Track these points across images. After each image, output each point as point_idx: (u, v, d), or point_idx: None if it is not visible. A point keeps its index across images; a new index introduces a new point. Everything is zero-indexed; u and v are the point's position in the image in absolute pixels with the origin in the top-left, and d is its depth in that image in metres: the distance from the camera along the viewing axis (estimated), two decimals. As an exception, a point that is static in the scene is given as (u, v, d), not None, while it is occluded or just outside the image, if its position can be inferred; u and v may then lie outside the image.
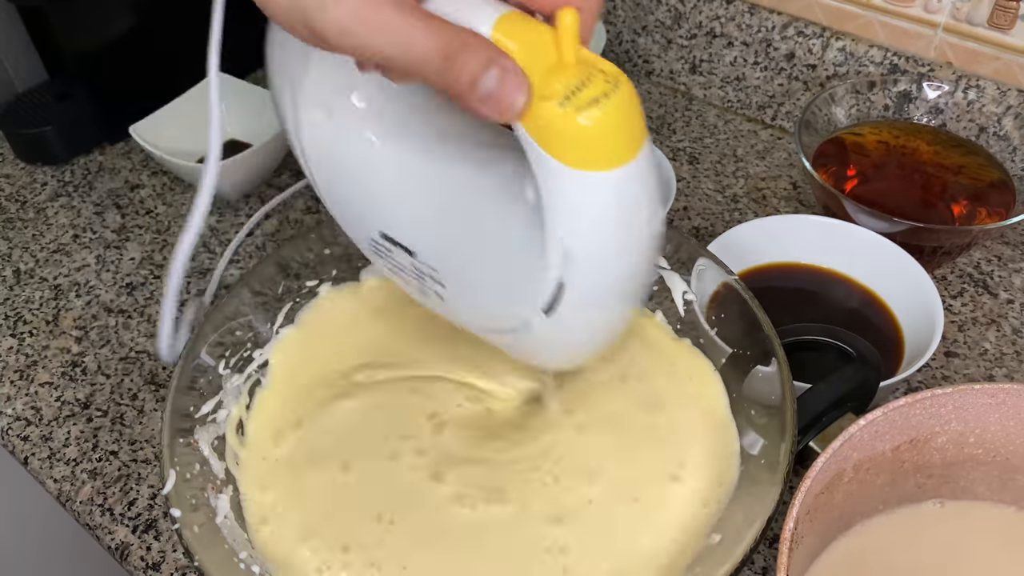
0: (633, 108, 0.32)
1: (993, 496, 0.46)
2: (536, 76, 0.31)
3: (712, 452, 0.47)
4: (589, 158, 0.32)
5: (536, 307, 0.37)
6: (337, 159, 0.42)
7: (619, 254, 0.36)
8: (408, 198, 0.42)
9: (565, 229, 0.34)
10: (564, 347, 0.41)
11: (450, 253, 0.42)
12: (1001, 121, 0.67)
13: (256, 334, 0.52)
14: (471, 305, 0.43)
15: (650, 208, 0.35)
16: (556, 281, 0.36)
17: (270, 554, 0.44)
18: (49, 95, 0.80)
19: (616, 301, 0.38)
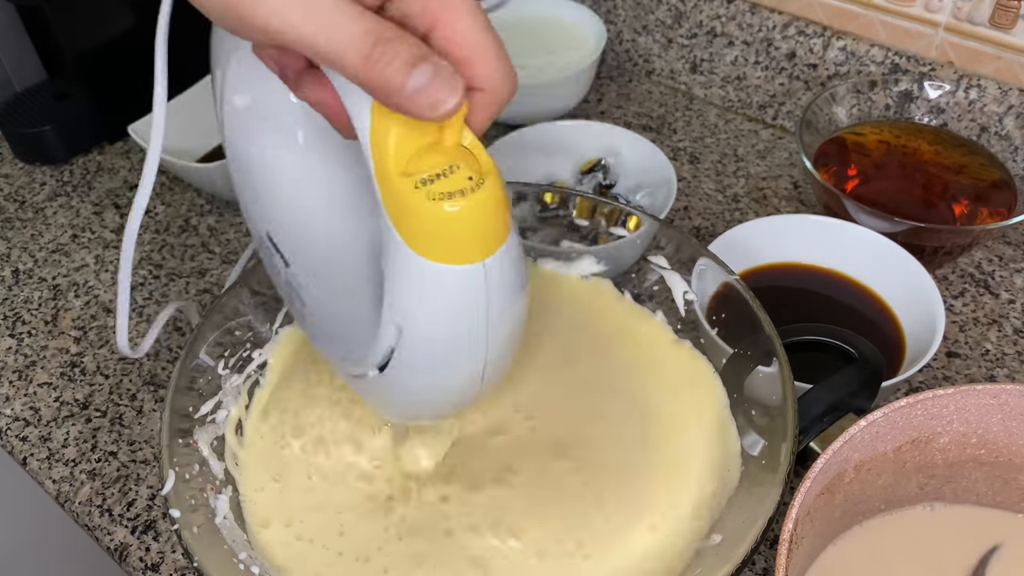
0: (491, 210, 0.32)
1: (995, 496, 0.46)
2: (407, 150, 0.31)
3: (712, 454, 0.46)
4: (433, 248, 0.32)
5: (371, 363, 0.37)
6: (248, 148, 0.42)
7: (452, 342, 0.35)
8: (295, 207, 0.42)
9: (398, 304, 0.34)
10: (401, 404, 0.42)
11: (317, 280, 0.43)
12: (1002, 121, 0.66)
13: (255, 334, 0.51)
14: (325, 336, 0.44)
15: (498, 310, 0.35)
16: (387, 347, 0.36)
17: (270, 555, 0.44)
18: (48, 95, 0.80)
19: (450, 378, 0.38)
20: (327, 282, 0.43)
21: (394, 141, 0.31)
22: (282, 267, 0.44)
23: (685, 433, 0.47)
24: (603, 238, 0.57)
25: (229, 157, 0.43)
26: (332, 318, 0.43)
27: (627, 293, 0.55)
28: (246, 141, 0.42)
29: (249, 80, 0.40)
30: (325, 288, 0.43)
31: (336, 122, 0.33)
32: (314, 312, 0.44)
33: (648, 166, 0.68)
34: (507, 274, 0.34)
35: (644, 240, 0.54)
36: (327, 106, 0.33)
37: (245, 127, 0.41)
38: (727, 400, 0.49)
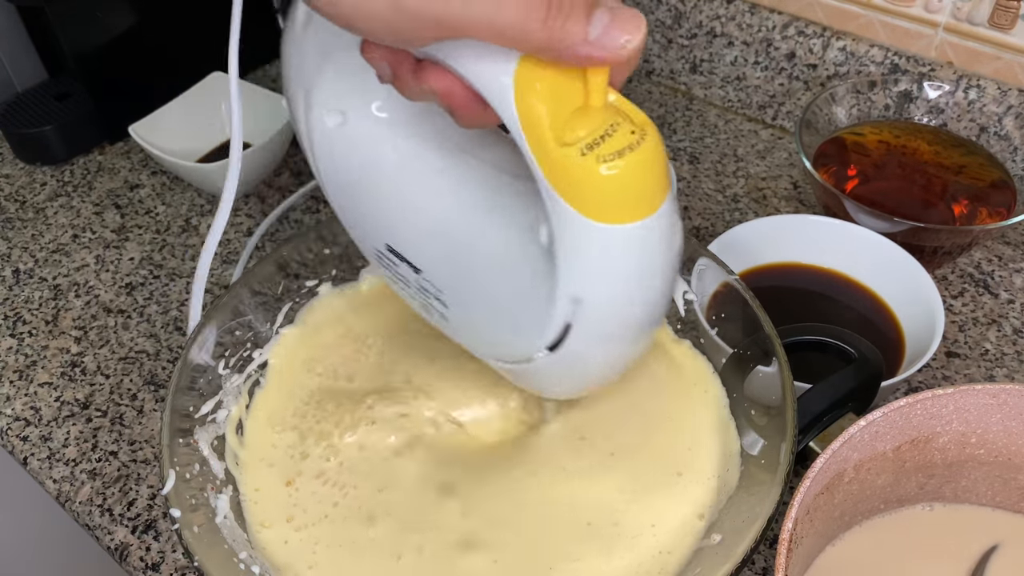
0: (657, 161, 0.31)
1: (995, 496, 0.46)
2: (559, 119, 0.30)
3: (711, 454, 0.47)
4: (607, 210, 0.31)
5: (540, 344, 0.36)
6: (349, 166, 0.41)
7: (630, 304, 0.35)
8: (420, 215, 0.41)
9: (576, 276, 0.34)
10: (567, 381, 0.41)
11: (457, 277, 0.42)
12: (1002, 121, 0.66)
13: (256, 334, 0.52)
14: (474, 331, 0.43)
15: (670, 261, 0.34)
16: (563, 323, 0.35)
17: (270, 554, 0.44)
18: (49, 95, 0.80)
19: (624, 343, 0.38)
20: (468, 277, 0.41)
21: (546, 111, 0.30)
22: (412, 275, 0.42)
23: (685, 433, 0.47)
24: (603, 238, 0.57)
25: (328, 182, 0.42)
26: (478, 311, 0.42)
27: (627, 293, 0.55)
28: (346, 158, 0.41)
29: (339, 97, 0.39)
30: (466, 283, 0.42)
31: (462, 110, 0.32)
32: (457, 310, 0.42)
33: (648, 166, 0.68)
34: (675, 223, 0.34)
35: (644, 240, 0.54)
36: (455, 96, 0.31)
37: (341, 146, 0.40)
38: (727, 400, 0.49)
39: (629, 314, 0.35)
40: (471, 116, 0.32)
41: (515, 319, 0.39)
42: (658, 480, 0.45)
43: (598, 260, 0.33)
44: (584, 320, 0.35)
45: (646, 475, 0.46)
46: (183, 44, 0.78)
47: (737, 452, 0.46)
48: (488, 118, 0.32)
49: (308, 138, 0.41)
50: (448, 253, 0.42)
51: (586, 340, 0.36)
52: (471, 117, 0.32)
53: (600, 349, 0.37)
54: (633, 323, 0.36)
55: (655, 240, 0.33)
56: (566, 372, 0.39)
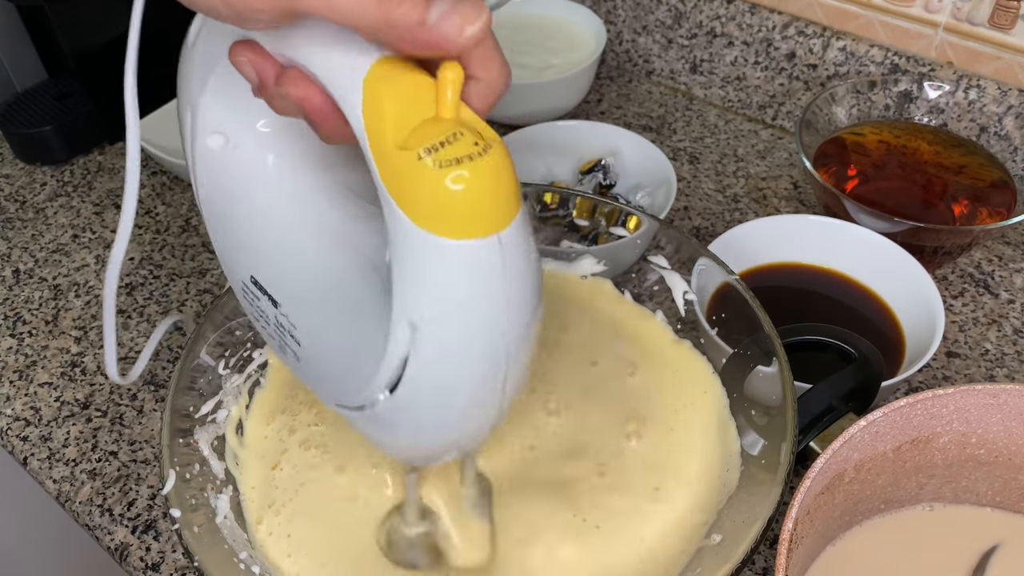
0: (501, 177, 0.30)
1: (995, 496, 0.46)
2: (404, 126, 0.29)
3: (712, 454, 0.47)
4: (442, 221, 0.29)
5: (380, 383, 0.34)
6: (225, 192, 0.40)
7: (471, 334, 0.32)
8: (281, 242, 0.40)
9: (411, 297, 0.31)
10: (412, 436, 0.37)
11: (309, 311, 0.40)
12: (1002, 121, 0.66)
13: (256, 334, 0.52)
14: (322, 372, 0.41)
15: (517, 290, 0.32)
16: (401, 355, 0.32)
17: (270, 554, 0.44)
18: (49, 95, 0.80)
19: (472, 384, 0.34)
20: (322, 314, 0.40)
21: (390, 115, 0.29)
22: (271, 310, 0.41)
23: (685, 433, 0.47)
24: (603, 238, 0.57)
25: (205, 207, 0.41)
26: (331, 352, 0.40)
27: (627, 293, 0.55)
28: (223, 183, 0.40)
29: (221, 117, 0.38)
30: (321, 321, 0.40)
31: (321, 118, 0.32)
32: (310, 349, 0.41)
33: (648, 166, 0.69)
34: (523, 249, 0.32)
35: (644, 240, 0.54)
36: (312, 102, 0.31)
37: (220, 169, 0.39)
38: (727, 400, 0.49)
39: (470, 344, 0.32)
40: (330, 127, 0.32)
41: (360, 357, 0.37)
42: (657, 479, 0.45)
43: (431, 278, 0.31)
44: (421, 350, 0.32)
45: (645, 476, 0.46)
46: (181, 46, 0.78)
47: (737, 452, 0.46)
48: (348, 131, 0.31)
49: (192, 161, 0.40)
50: (302, 283, 0.40)
51: (426, 376, 0.33)
52: (330, 128, 0.32)
53: (443, 389, 0.34)
54: (477, 356, 0.33)
55: (495, 263, 0.31)
56: (409, 422, 0.36)
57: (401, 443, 0.38)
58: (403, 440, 0.38)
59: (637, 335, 0.53)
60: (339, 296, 0.40)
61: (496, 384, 0.34)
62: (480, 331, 0.32)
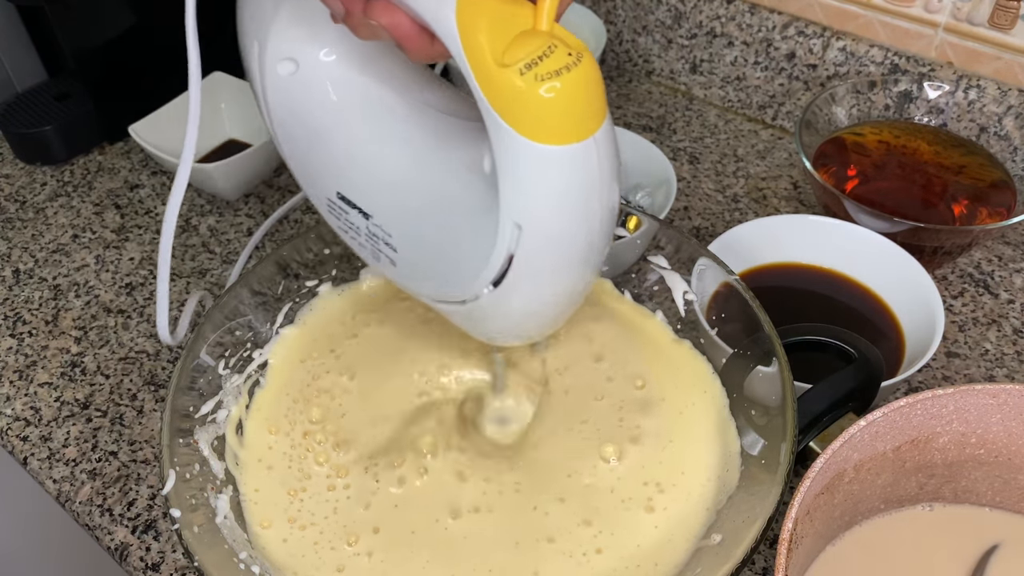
0: (593, 84, 0.32)
1: (995, 496, 0.46)
2: (500, 43, 0.31)
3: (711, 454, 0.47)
4: (545, 130, 0.32)
5: (485, 278, 0.37)
6: (300, 114, 0.42)
7: (571, 231, 0.35)
8: (368, 158, 0.42)
9: (517, 200, 0.34)
10: (514, 321, 0.41)
11: (405, 218, 0.42)
12: (1002, 121, 0.67)
13: (256, 334, 0.52)
14: (421, 272, 0.43)
15: (608, 187, 0.35)
16: (506, 253, 0.35)
17: (270, 554, 0.44)
18: (49, 95, 0.80)
19: (567, 277, 0.37)
20: (418, 218, 0.42)
21: (486, 35, 0.31)
22: (361, 221, 0.43)
23: (684, 433, 0.47)
24: (603, 238, 0.57)
25: (281, 134, 0.42)
26: (427, 253, 0.42)
27: (627, 293, 0.55)
28: (298, 108, 0.41)
29: (291, 45, 0.40)
30: (417, 225, 0.42)
31: (411, 42, 0.33)
32: (407, 253, 0.43)
33: (648, 166, 0.69)
34: (612, 150, 0.34)
35: (644, 240, 0.54)
36: (402, 27, 0.33)
37: (295, 94, 0.41)
38: (727, 400, 0.49)
39: (569, 240, 0.35)
40: (420, 49, 0.33)
41: (461, 256, 0.39)
42: (657, 480, 0.45)
43: (537, 182, 0.33)
44: (526, 248, 0.35)
45: (645, 475, 0.46)
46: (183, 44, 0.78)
47: (737, 452, 0.46)
48: (437, 50, 0.33)
49: (262, 89, 0.41)
50: (396, 194, 0.42)
51: (528, 271, 0.36)
52: (420, 50, 0.33)
53: (542, 281, 0.37)
54: (573, 251, 0.36)
55: (592, 164, 0.33)
56: (510, 311, 0.39)
57: (495, 327, 0.42)
58: (499, 324, 0.41)
59: (637, 335, 0.53)
60: (433, 206, 0.41)
61: (586, 270, 0.37)
62: (580, 224, 0.35)
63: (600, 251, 0.37)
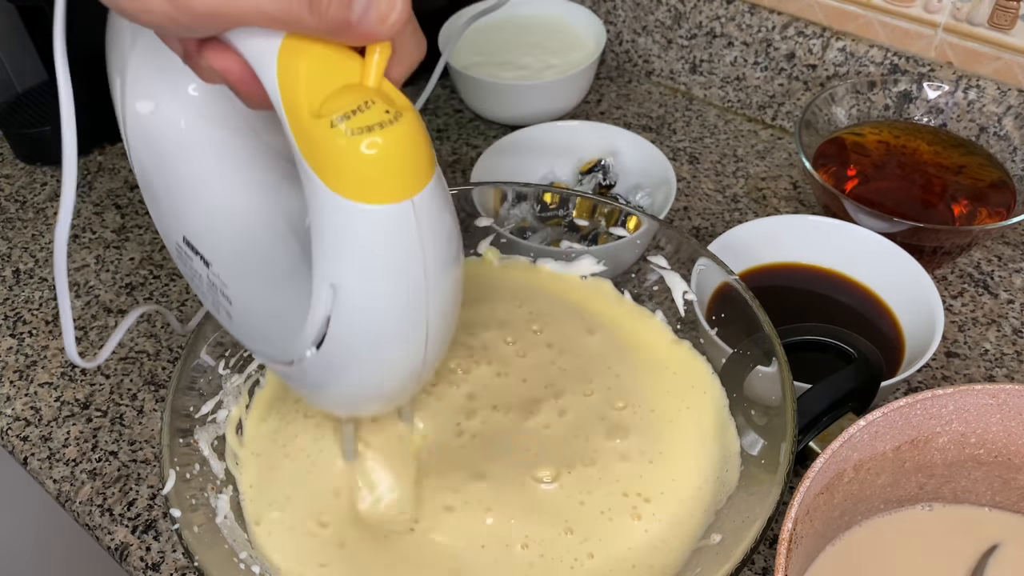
0: (412, 143, 0.31)
1: (995, 496, 0.46)
2: (318, 94, 0.30)
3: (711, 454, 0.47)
4: (354, 187, 0.31)
5: (307, 339, 0.35)
6: (154, 154, 0.41)
7: (386, 298, 0.34)
8: (211, 204, 0.41)
9: (330, 260, 0.33)
10: (341, 390, 0.39)
11: (240, 269, 0.41)
12: (1001, 121, 0.67)
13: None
14: (253, 329, 0.42)
15: (431, 255, 0.33)
16: (323, 314, 0.34)
17: (269, 554, 0.44)
18: (49, 95, 0.80)
19: (390, 348, 0.36)
20: (252, 271, 0.41)
21: (304, 84, 0.30)
22: (203, 269, 0.42)
23: (684, 433, 0.47)
24: (603, 238, 0.57)
25: (137, 170, 0.41)
26: (261, 309, 0.41)
27: (627, 293, 0.55)
28: (154, 147, 0.40)
29: (150, 83, 0.39)
30: (250, 279, 0.41)
31: (242, 87, 0.33)
32: (242, 307, 0.42)
33: (648, 166, 0.69)
34: (437, 215, 0.33)
35: (644, 240, 0.54)
36: (232, 72, 0.32)
37: (151, 133, 0.40)
38: (726, 400, 0.49)
39: (391, 305, 0.34)
40: (251, 95, 0.33)
41: (287, 314, 0.38)
42: (656, 480, 0.45)
43: (350, 241, 0.32)
44: (343, 310, 0.34)
45: (644, 476, 0.46)
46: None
47: (737, 452, 0.46)
48: (268, 99, 0.32)
49: (123, 126, 0.40)
50: (233, 243, 0.41)
51: (349, 335, 0.35)
52: (251, 96, 0.33)
53: (364, 348, 0.36)
54: (392, 320, 0.35)
55: (410, 226, 0.32)
56: (336, 377, 0.38)
57: (330, 395, 0.40)
58: (332, 392, 0.39)
59: (636, 335, 0.53)
60: (265, 256, 0.41)
61: (418, 339, 0.36)
62: (398, 290, 0.34)
63: (436, 311, 0.35)
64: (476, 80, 0.75)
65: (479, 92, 0.76)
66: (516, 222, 0.62)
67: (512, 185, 0.60)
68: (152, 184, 0.42)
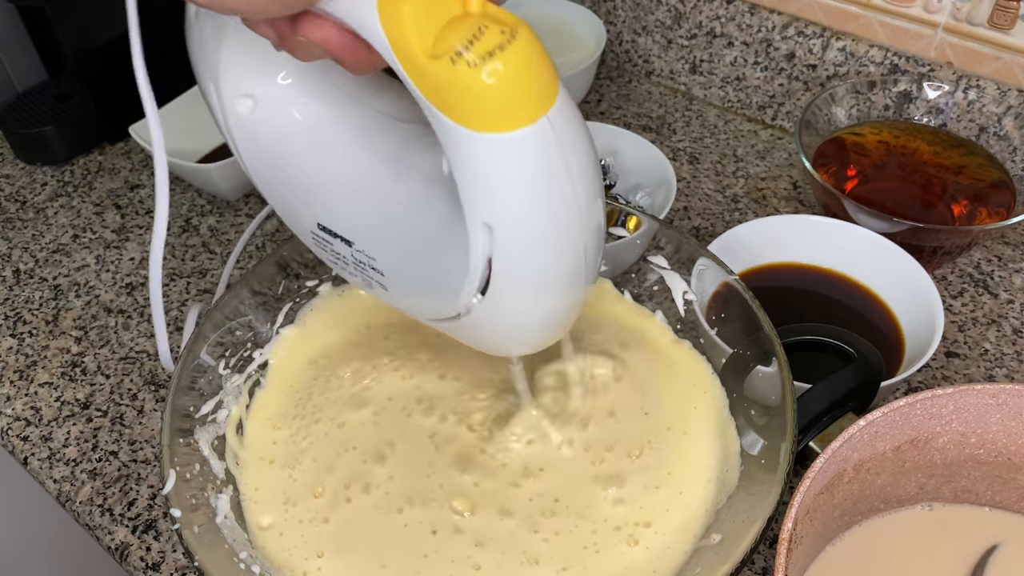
0: (534, 59, 0.30)
1: (995, 496, 0.46)
2: (427, 35, 0.29)
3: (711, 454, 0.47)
4: (489, 118, 0.30)
5: (471, 289, 0.35)
6: (269, 149, 0.40)
7: (543, 221, 0.33)
8: (337, 180, 0.40)
9: (479, 199, 0.32)
10: (513, 329, 0.39)
11: (386, 239, 0.40)
12: (1001, 121, 0.67)
13: (256, 334, 0.52)
14: (412, 293, 0.41)
15: (577, 166, 0.32)
16: (484, 258, 0.33)
17: (270, 554, 0.44)
18: (49, 95, 0.80)
19: (555, 274, 0.35)
20: (396, 239, 0.40)
21: (412, 28, 0.29)
22: (346, 250, 0.42)
23: (684, 433, 0.47)
24: (603, 238, 0.57)
25: (254, 171, 0.41)
26: (416, 273, 0.40)
27: (627, 293, 0.55)
28: (264, 144, 0.40)
29: (244, 80, 0.38)
30: (397, 246, 0.40)
31: (348, 53, 0.32)
32: (395, 276, 0.41)
33: (648, 166, 0.69)
34: (573, 127, 0.32)
35: (644, 240, 0.54)
36: (332, 41, 0.31)
37: (257, 131, 0.40)
38: (726, 400, 0.49)
39: (543, 231, 0.33)
40: (358, 60, 0.32)
41: (446, 269, 0.37)
42: (657, 479, 0.45)
43: (492, 176, 0.31)
44: (501, 248, 0.33)
45: (644, 476, 0.46)
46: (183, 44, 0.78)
47: (737, 452, 0.46)
48: (375, 58, 0.31)
49: (227, 131, 0.40)
50: (371, 215, 0.41)
51: (511, 271, 0.34)
52: (358, 61, 0.32)
53: (529, 280, 0.35)
54: (553, 242, 0.34)
55: (551, 143, 0.31)
56: (506, 317, 0.37)
57: (501, 338, 0.40)
58: (503, 334, 0.39)
59: (636, 335, 0.53)
60: (407, 220, 0.40)
61: (578, 257, 0.35)
62: (551, 212, 0.33)
63: (589, 226, 0.34)
64: (476, 80, 0.75)
65: (479, 92, 0.76)
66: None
67: (512, 185, 0.60)
68: (271, 181, 0.41)
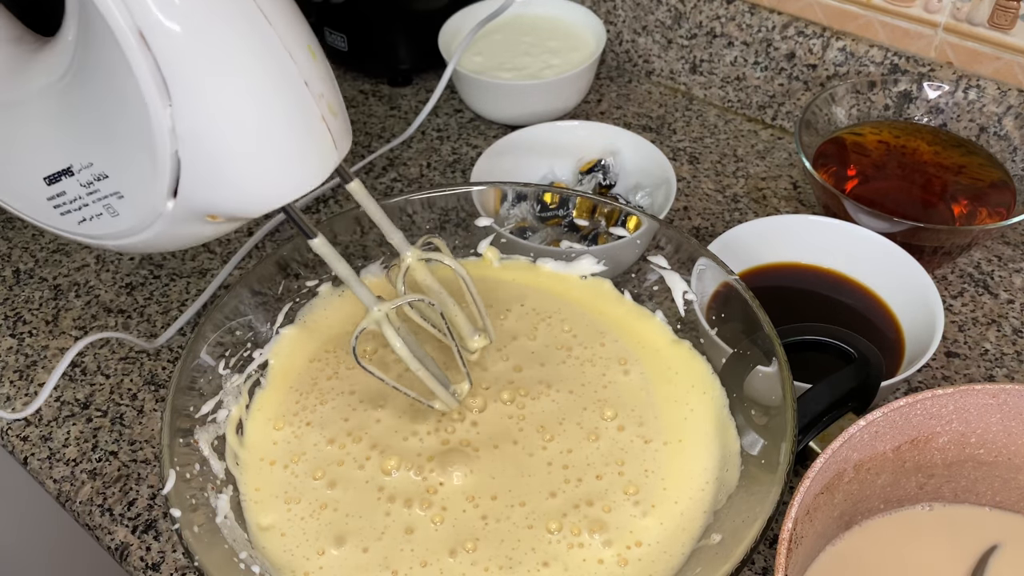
0: None
1: (995, 496, 0.46)
2: None
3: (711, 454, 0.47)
4: None
5: (161, 193, 0.32)
6: None
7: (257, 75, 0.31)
8: (36, 130, 0.38)
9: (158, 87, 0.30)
10: (235, 190, 0.35)
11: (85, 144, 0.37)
12: (1001, 121, 0.67)
13: (256, 334, 0.52)
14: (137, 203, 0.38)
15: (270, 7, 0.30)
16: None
17: (270, 554, 0.44)
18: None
19: (271, 113, 0.32)
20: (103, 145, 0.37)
21: None
22: (77, 188, 0.39)
23: (684, 433, 0.47)
24: (603, 238, 0.57)
25: None
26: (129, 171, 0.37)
27: (627, 293, 0.55)
28: None
29: None
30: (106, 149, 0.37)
31: None
32: (121, 172, 0.38)
33: (648, 166, 0.69)
34: None
35: (644, 240, 0.54)
36: None
37: None
38: (726, 400, 0.49)
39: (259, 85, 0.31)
40: None
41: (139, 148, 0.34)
42: (657, 479, 0.45)
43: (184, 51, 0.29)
44: (186, 114, 0.30)
45: (644, 476, 0.46)
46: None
47: (737, 452, 0.46)
48: None
49: None
50: (77, 137, 0.38)
51: (206, 135, 0.31)
52: None
53: (231, 136, 0.32)
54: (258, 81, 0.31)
55: None
56: (220, 182, 0.34)
57: (230, 203, 0.36)
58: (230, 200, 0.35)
59: (637, 335, 0.53)
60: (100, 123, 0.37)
61: (301, 97, 0.32)
62: (245, 57, 0.30)
63: (307, 66, 0.32)
64: (476, 80, 0.75)
65: (479, 92, 0.76)
66: (516, 222, 0.62)
67: (512, 185, 0.60)
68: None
